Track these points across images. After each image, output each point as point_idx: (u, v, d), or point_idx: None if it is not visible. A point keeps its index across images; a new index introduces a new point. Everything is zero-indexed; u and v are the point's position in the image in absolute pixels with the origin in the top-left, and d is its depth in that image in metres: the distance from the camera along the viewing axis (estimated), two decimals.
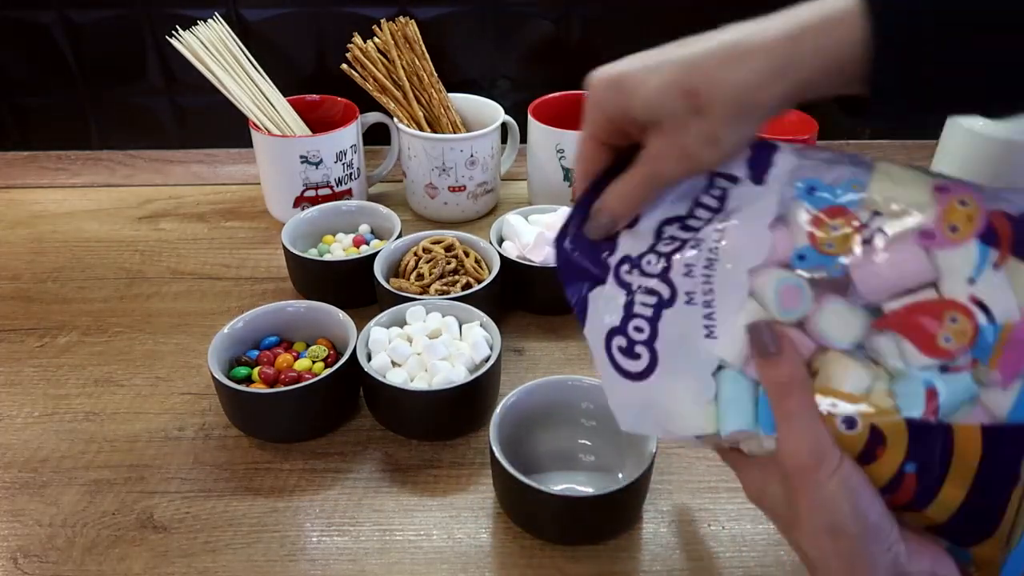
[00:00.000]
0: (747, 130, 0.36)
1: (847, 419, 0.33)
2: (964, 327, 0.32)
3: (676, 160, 0.36)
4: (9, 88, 0.95)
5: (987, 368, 0.31)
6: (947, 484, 0.32)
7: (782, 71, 0.33)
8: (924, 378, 0.32)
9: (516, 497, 0.50)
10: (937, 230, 0.32)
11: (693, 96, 0.34)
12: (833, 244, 0.34)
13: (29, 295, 0.74)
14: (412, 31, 0.84)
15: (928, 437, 0.32)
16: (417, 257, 0.70)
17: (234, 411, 0.57)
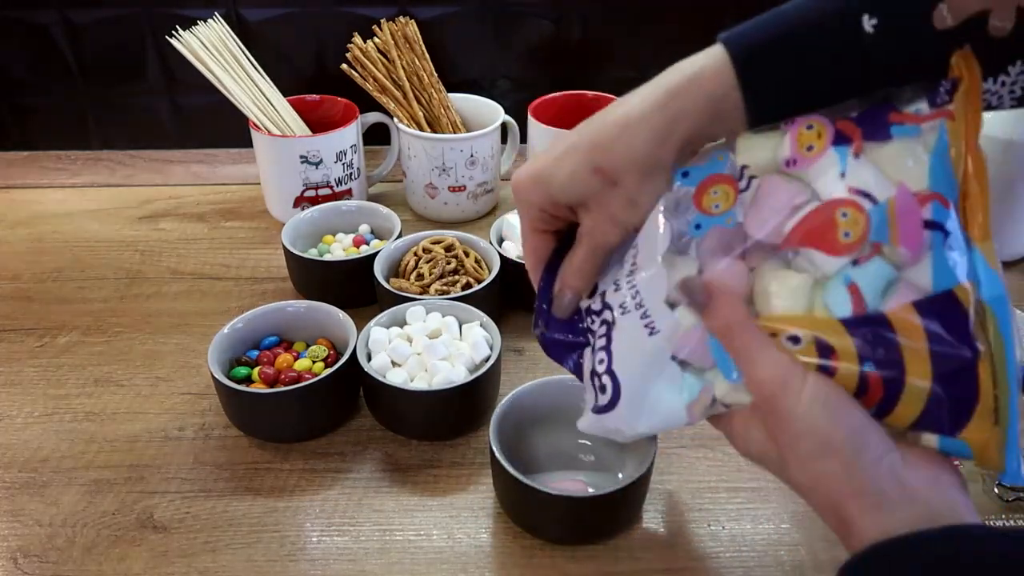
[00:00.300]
0: (659, 184, 0.39)
1: (791, 336, 0.34)
2: (855, 216, 0.34)
3: (608, 228, 0.41)
4: (9, 88, 0.95)
5: (891, 247, 0.33)
6: (908, 369, 0.33)
7: (669, 130, 0.38)
8: (843, 278, 0.34)
9: (516, 497, 0.50)
10: (795, 155, 0.36)
11: (602, 173, 0.39)
12: (719, 204, 0.38)
13: (29, 295, 0.74)
14: (412, 31, 0.84)
15: (867, 331, 0.33)
16: (417, 257, 0.70)
17: (234, 411, 0.57)
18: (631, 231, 0.41)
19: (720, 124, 0.38)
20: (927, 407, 0.33)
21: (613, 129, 0.39)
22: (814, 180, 0.36)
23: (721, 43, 0.38)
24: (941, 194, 0.33)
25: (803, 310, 0.35)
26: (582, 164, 0.40)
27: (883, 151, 0.35)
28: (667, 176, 0.39)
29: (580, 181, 0.40)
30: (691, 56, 0.39)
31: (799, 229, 0.35)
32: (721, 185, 0.38)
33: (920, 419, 0.33)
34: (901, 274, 0.33)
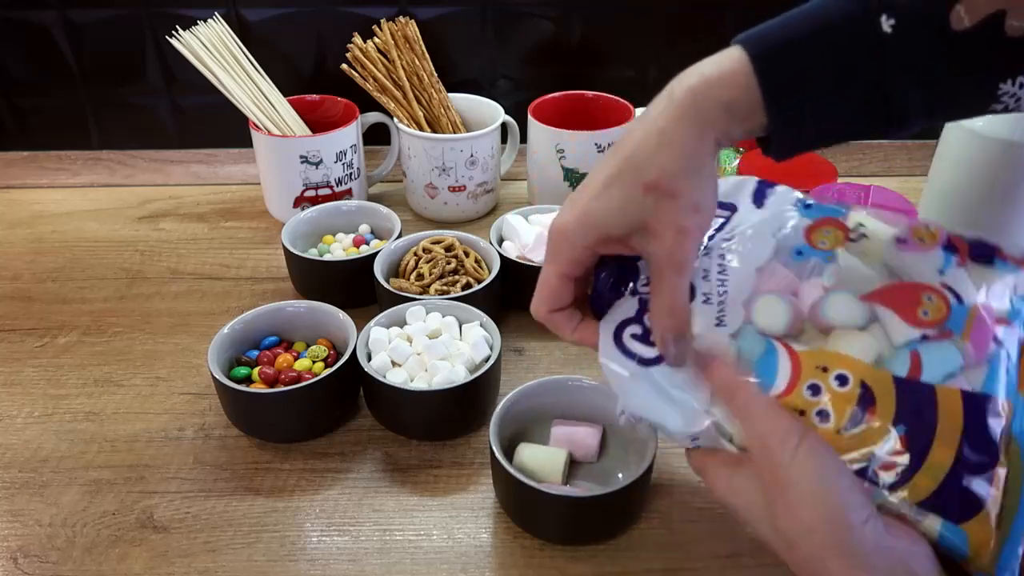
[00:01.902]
0: (711, 183, 0.40)
1: (839, 376, 0.37)
2: (938, 304, 0.38)
3: (681, 241, 0.39)
4: (9, 88, 0.95)
5: (961, 339, 0.37)
6: (935, 446, 0.35)
7: (702, 131, 0.38)
8: (909, 345, 0.37)
9: (516, 497, 0.50)
10: (909, 239, 0.40)
11: (656, 189, 0.38)
12: (825, 242, 0.41)
13: (29, 295, 0.74)
14: (412, 31, 0.84)
15: (913, 395, 0.36)
16: (417, 257, 0.70)
17: (234, 411, 0.57)
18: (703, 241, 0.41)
19: (742, 121, 0.38)
20: (941, 487, 0.34)
21: (648, 144, 0.39)
22: (914, 267, 0.39)
23: (739, 45, 0.38)
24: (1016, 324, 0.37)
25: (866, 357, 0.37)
26: (631, 187, 0.39)
27: (982, 271, 0.39)
28: (714, 171, 0.40)
29: (634, 205, 0.39)
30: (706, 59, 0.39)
31: (886, 290, 0.39)
32: (833, 229, 0.41)
33: (931, 498, 0.35)
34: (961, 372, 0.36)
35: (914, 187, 0.83)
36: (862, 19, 0.36)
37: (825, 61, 0.37)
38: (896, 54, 0.36)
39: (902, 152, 0.98)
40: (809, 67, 0.37)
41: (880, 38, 0.36)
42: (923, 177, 0.80)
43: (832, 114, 0.38)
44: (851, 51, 0.37)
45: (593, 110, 0.86)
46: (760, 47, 0.38)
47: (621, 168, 0.39)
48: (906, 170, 0.95)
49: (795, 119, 0.38)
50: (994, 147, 0.71)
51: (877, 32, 0.36)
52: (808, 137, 0.40)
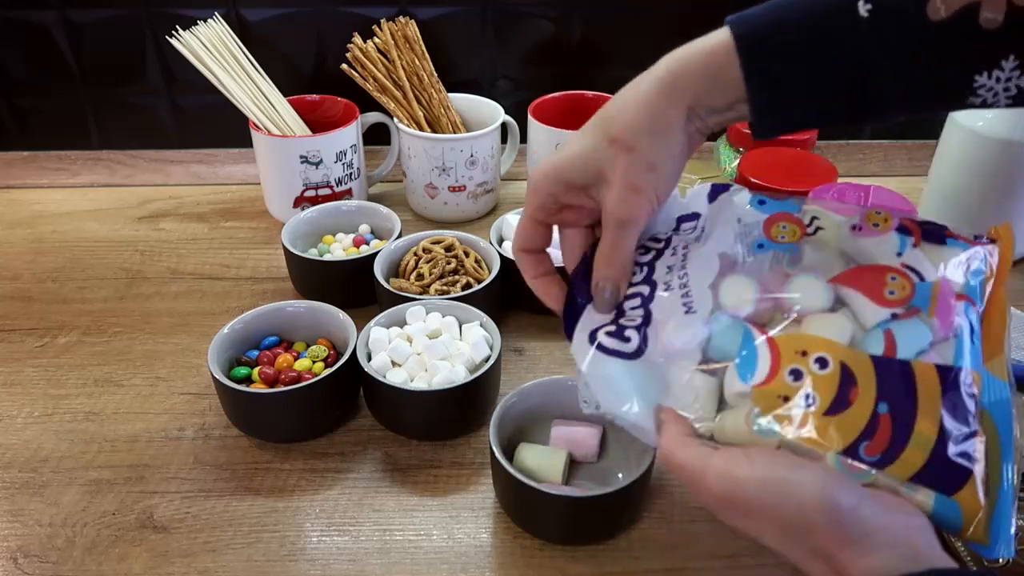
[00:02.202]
0: (673, 146, 0.41)
1: (819, 359, 0.37)
2: (902, 283, 0.39)
3: (631, 197, 0.41)
4: (9, 88, 0.95)
5: (927, 315, 0.38)
6: (919, 419, 0.35)
7: (675, 90, 0.39)
8: (880, 325, 0.38)
9: (516, 497, 0.50)
10: (863, 224, 0.42)
11: (617, 142, 0.40)
12: (784, 236, 0.42)
13: (29, 295, 0.74)
14: (412, 31, 0.84)
15: (891, 372, 0.36)
16: (417, 257, 0.70)
17: (234, 411, 0.58)
18: (655, 204, 0.42)
19: (720, 93, 0.39)
20: (930, 460, 0.35)
21: (622, 101, 0.41)
22: (872, 250, 0.41)
23: (727, 23, 0.39)
24: (972, 299, 0.39)
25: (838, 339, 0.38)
26: (596, 137, 0.41)
27: (936, 250, 0.40)
28: (681, 138, 0.41)
29: (595, 153, 0.41)
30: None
31: (851, 272, 0.40)
32: (791, 224, 0.43)
33: (922, 471, 0.35)
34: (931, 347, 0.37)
35: (914, 187, 0.83)
36: (843, 4, 0.37)
37: (805, 42, 0.38)
38: (872, 40, 0.37)
39: (902, 152, 0.98)
40: (789, 46, 0.38)
41: (857, 23, 0.36)
42: (923, 177, 0.80)
43: (811, 95, 0.39)
44: (830, 34, 0.37)
45: (593, 110, 0.84)
46: (745, 26, 0.39)
47: (594, 122, 0.42)
48: (906, 170, 0.95)
49: (774, 98, 0.39)
50: (994, 147, 0.71)
51: (855, 17, 0.36)
52: (787, 118, 0.40)
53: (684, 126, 0.40)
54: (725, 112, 0.40)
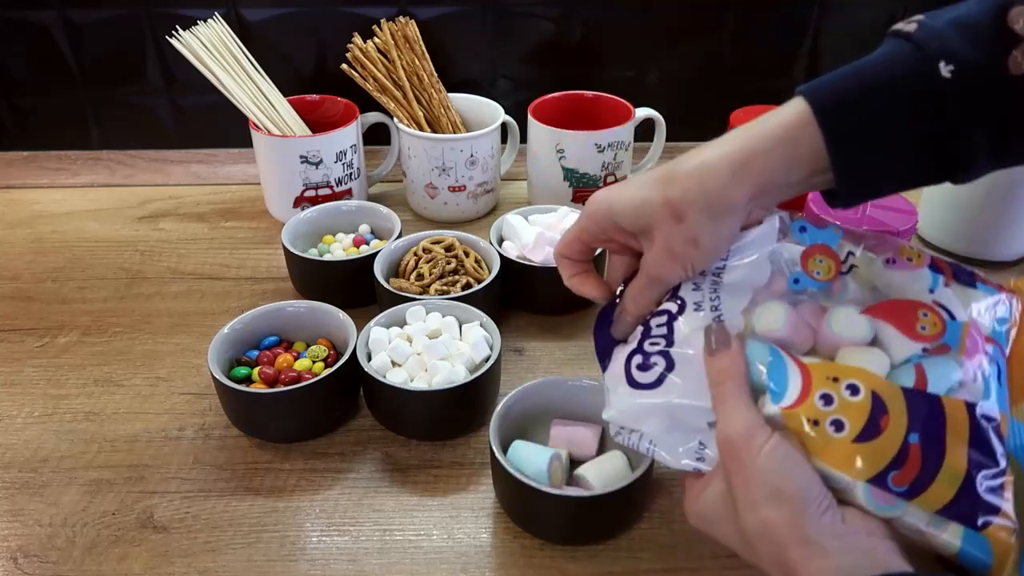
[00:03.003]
0: (724, 230, 0.41)
1: (851, 386, 0.37)
2: (934, 320, 0.39)
3: (666, 261, 0.42)
4: (9, 88, 0.95)
5: (958, 354, 0.38)
6: (949, 452, 0.35)
7: (744, 170, 0.39)
8: (911, 359, 0.38)
9: (516, 497, 0.50)
10: (897, 259, 0.42)
11: (670, 206, 0.40)
12: (820, 272, 0.42)
13: (29, 295, 0.74)
14: (412, 31, 0.84)
15: (922, 405, 0.36)
16: (417, 257, 0.70)
17: (234, 411, 0.57)
18: (690, 273, 0.42)
19: (796, 169, 0.39)
20: (959, 493, 0.35)
21: (689, 166, 0.40)
22: (904, 285, 0.41)
23: (800, 94, 0.39)
24: (1000, 344, 0.39)
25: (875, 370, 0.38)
26: (653, 194, 0.41)
27: (965, 292, 0.41)
28: (736, 220, 0.40)
29: (646, 209, 0.41)
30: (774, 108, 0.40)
31: (884, 305, 0.40)
32: (827, 258, 0.42)
33: (950, 505, 0.35)
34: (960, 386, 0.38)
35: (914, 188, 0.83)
36: (922, 67, 0.37)
37: (888, 108, 0.37)
38: (957, 99, 0.37)
39: None
40: (873, 112, 0.38)
41: (940, 84, 0.37)
42: None
43: (898, 161, 0.39)
44: (913, 98, 0.37)
45: (593, 110, 0.86)
46: (821, 95, 0.38)
47: (661, 175, 0.41)
48: None
49: (860, 167, 0.39)
50: None
51: (936, 78, 0.37)
52: (874, 185, 0.40)
53: (744, 205, 0.40)
54: (798, 186, 0.40)
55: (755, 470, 0.36)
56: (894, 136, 0.38)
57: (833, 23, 0.92)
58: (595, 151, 0.80)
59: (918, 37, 0.38)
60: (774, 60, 0.93)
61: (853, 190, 0.40)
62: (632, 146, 0.84)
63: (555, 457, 0.49)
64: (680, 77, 0.95)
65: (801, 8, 0.91)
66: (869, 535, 0.35)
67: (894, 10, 0.91)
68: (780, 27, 0.92)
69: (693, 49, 0.93)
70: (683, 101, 0.95)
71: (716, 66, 0.94)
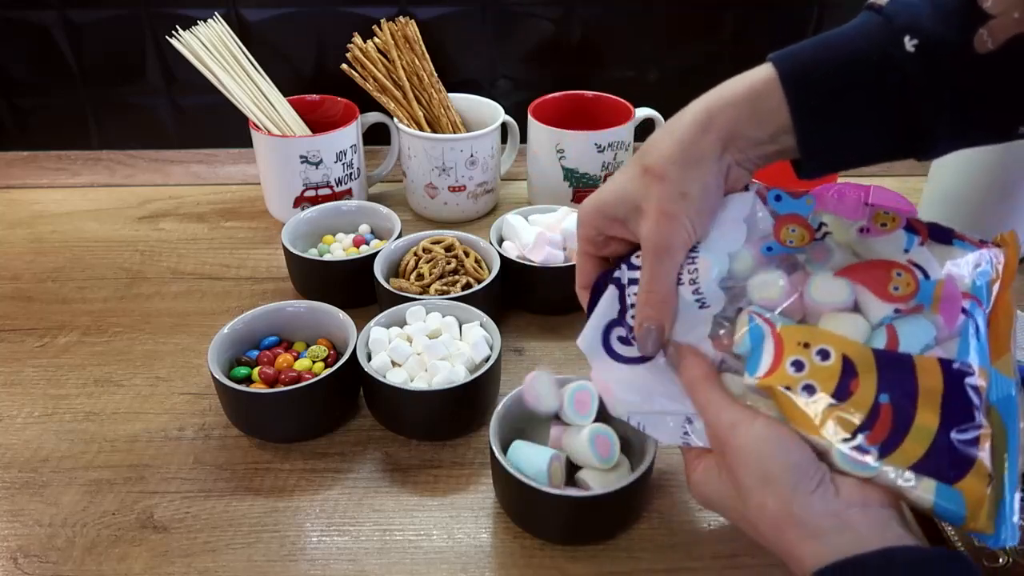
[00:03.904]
0: (705, 174, 0.41)
1: (821, 351, 0.38)
2: (907, 279, 0.39)
3: (665, 223, 0.41)
4: (9, 88, 0.95)
5: (931, 312, 0.38)
6: (919, 411, 0.36)
7: (709, 119, 0.40)
8: (884, 320, 0.39)
9: (516, 497, 0.50)
10: (871, 226, 0.42)
11: (650, 172, 0.41)
12: (792, 240, 0.43)
13: (29, 295, 0.74)
14: (412, 31, 0.84)
15: (893, 365, 0.37)
16: (417, 257, 0.70)
17: (234, 411, 0.58)
18: (690, 229, 0.42)
19: (761, 124, 0.39)
20: (931, 450, 0.35)
21: (658, 134, 0.42)
22: (879, 249, 0.41)
23: (769, 60, 0.39)
24: (978, 299, 0.39)
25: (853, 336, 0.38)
26: (632, 171, 0.42)
27: (943, 250, 0.41)
28: (714, 168, 0.41)
29: (630, 185, 0.42)
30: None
31: (859, 267, 0.40)
32: (800, 227, 0.43)
33: (922, 461, 0.35)
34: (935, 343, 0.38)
35: (914, 187, 0.83)
36: (887, 40, 0.37)
37: (851, 79, 0.38)
38: (920, 74, 0.37)
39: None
40: (837, 83, 0.38)
41: (904, 58, 0.37)
42: (923, 177, 0.80)
43: (859, 134, 0.39)
44: (877, 70, 0.37)
45: (593, 110, 0.86)
46: (789, 61, 0.39)
47: (636, 154, 0.42)
48: (906, 170, 0.95)
49: (822, 136, 0.39)
50: (994, 147, 0.71)
51: (901, 52, 0.37)
52: (836, 155, 0.40)
53: (718, 156, 0.40)
54: (767, 144, 0.40)
55: (743, 458, 0.37)
56: (856, 108, 0.38)
57: (833, 23, 0.92)
58: (595, 151, 0.80)
59: (889, 10, 0.38)
60: None
61: (815, 159, 0.40)
62: (632, 146, 0.84)
63: (555, 457, 0.49)
64: (680, 77, 0.95)
65: (801, 8, 0.91)
66: (865, 507, 0.35)
67: None
68: (780, 27, 0.92)
69: (693, 49, 0.93)
70: (683, 101, 0.94)
71: (716, 66, 0.94)
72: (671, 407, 0.43)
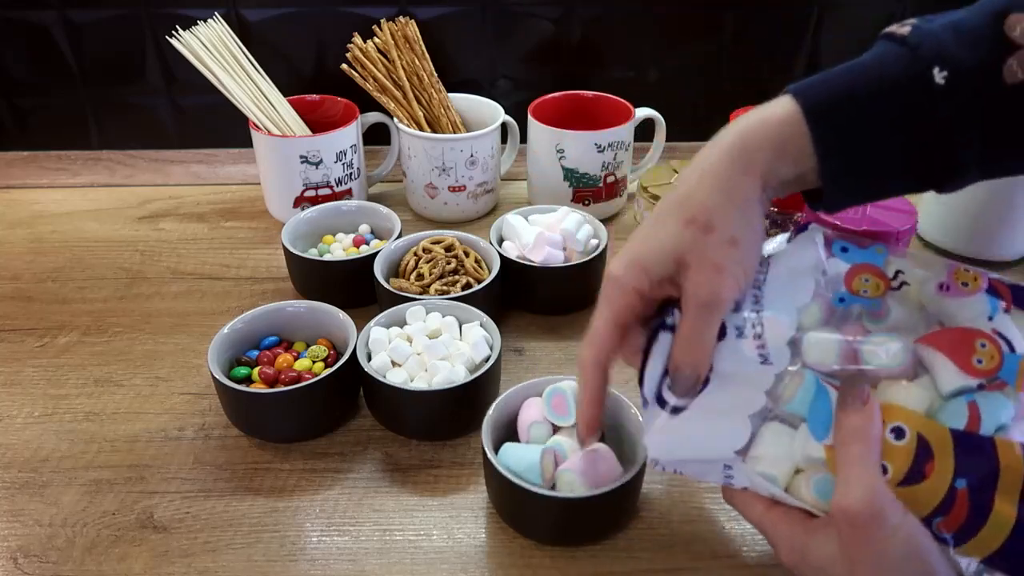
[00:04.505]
0: (753, 218, 0.39)
1: (896, 429, 0.36)
2: (992, 351, 0.36)
3: (714, 277, 0.38)
4: (9, 88, 0.95)
5: (1014, 390, 0.35)
6: (998, 499, 0.34)
7: (745, 167, 0.38)
8: (965, 396, 0.36)
9: (507, 497, 0.50)
10: (951, 283, 0.39)
11: (695, 223, 0.38)
12: (867, 291, 0.39)
13: (29, 295, 0.74)
14: (412, 31, 0.84)
15: (973, 448, 0.34)
16: (417, 257, 0.70)
17: (234, 411, 0.58)
18: (742, 282, 0.39)
19: (790, 164, 0.38)
20: (1008, 542, 0.33)
21: (694, 178, 0.39)
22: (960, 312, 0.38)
23: (790, 94, 0.38)
24: None
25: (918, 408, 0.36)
26: (673, 224, 0.39)
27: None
28: (760, 212, 0.39)
29: (676, 240, 0.39)
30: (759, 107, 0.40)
31: (941, 334, 0.37)
32: (873, 276, 0.40)
33: (999, 553, 0.34)
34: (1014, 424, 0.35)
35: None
36: (915, 72, 0.36)
37: (878, 112, 0.37)
38: (949, 106, 0.36)
39: None
40: (862, 117, 0.37)
41: (933, 90, 0.36)
42: None
43: (885, 167, 0.38)
44: (904, 103, 0.36)
45: (593, 110, 0.86)
46: (812, 97, 0.37)
47: (668, 207, 0.40)
48: None
49: (846, 170, 0.38)
50: None
51: (930, 84, 0.36)
52: (860, 187, 0.39)
53: (760, 197, 0.39)
54: (795, 183, 0.39)
55: (885, 554, 0.34)
56: (883, 140, 0.37)
57: (833, 23, 0.92)
58: (595, 151, 0.80)
59: (912, 41, 0.37)
60: (774, 60, 0.93)
61: (838, 193, 0.39)
62: (632, 146, 0.84)
63: (547, 452, 0.49)
64: (680, 77, 0.95)
65: (801, 8, 0.91)
66: None
67: (894, 10, 0.91)
68: (780, 27, 0.92)
69: (693, 49, 0.93)
70: (683, 101, 0.95)
71: (716, 66, 0.94)
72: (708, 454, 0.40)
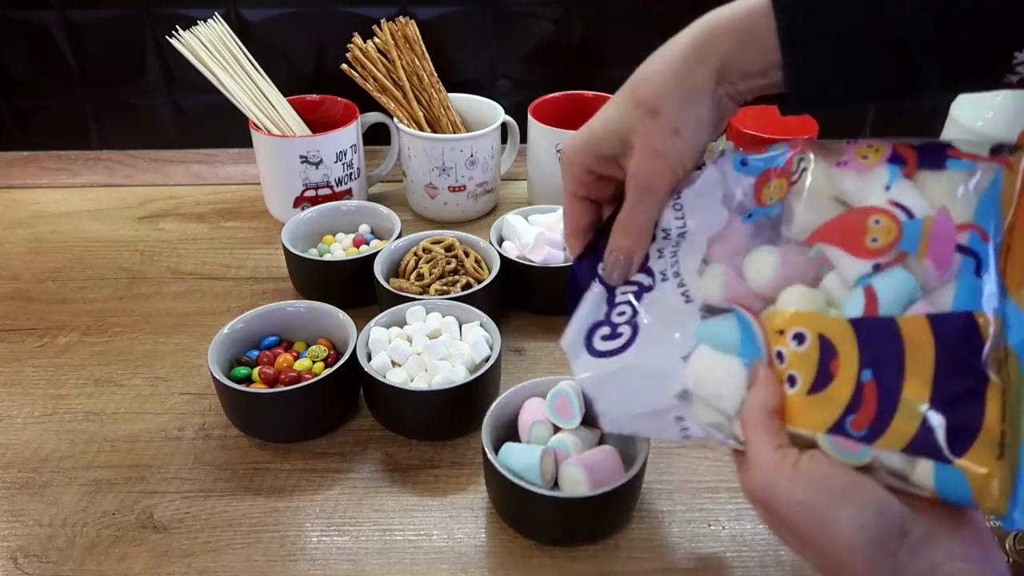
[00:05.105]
0: (699, 110, 0.39)
1: (796, 335, 0.34)
2: (888, 225, 0.34)
3: (654, 161, 0.39)
4: (9, 88, 0.95)
5: (918, 260, 0.33)
6: (907, 381, 0.31)
7: (704, 52, 0.38)
8: (861, 280, 0.34)
9: (507, 497, 0.50)
10: (850, 159, 0.36)
11: (643, 106, 0.39)
12: (773, 197, 0.38)
13: (29, 295, 0.74)
14: (412, 31, 0.84)
15: (873, 334, 0.32)
16: (417, 257, 0.70)
17: (234, 411, 0.58)
18: (679, 171, 0.40)
19: (754, 56, 0.38)
20: (922, 427, 0.31)
21: (651, 63, 0.39)
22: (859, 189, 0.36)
23: None
24: (982, 228, 0.32)
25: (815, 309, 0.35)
26: (624, 103, 0.40)
27: (933, 178, 0.34)
28: (709, 104, 0.39)
29: (621, 118, 0.40)
30: None
31: (828, 226, 0.36)
32: (778, 179, 0.38)
33: (914, 440, 0.31)
34: (924, 294, 0.33)
35: None
36: None
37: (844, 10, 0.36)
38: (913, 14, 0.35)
39: None
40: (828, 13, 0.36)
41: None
42: None
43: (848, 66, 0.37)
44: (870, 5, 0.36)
45: (593, 110, 0.84)
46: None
47: (624, 87, 0.40)
48: None
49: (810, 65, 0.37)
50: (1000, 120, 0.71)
51: None
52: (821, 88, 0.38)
53: (712, 90, 0.38)
54: (758, 77, 0.38)
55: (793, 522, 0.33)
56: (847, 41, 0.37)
57: None
58: None
59: None
60: None
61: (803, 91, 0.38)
62: None
63: (546, 452, 0.49)
64: None
65: None
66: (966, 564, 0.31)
67: None
68: None
69: None
70: None
71: None
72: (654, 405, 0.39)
